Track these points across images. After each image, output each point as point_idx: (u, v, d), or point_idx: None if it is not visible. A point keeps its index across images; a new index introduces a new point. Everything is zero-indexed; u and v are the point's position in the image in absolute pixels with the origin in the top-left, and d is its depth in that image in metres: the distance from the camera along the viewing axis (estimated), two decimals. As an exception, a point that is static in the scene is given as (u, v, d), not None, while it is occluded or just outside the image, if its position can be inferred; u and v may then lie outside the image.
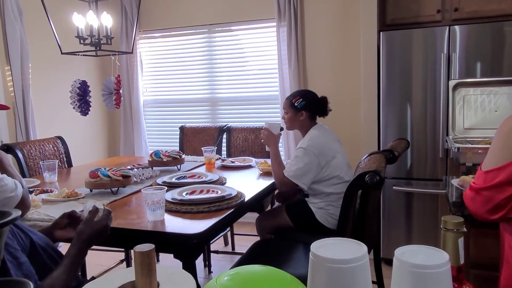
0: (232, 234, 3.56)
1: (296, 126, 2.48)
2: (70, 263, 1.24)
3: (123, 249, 3.14)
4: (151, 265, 0.45)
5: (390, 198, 3.14)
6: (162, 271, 0.48)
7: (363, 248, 0.50)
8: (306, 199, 2.41)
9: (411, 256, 0.54)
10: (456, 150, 1.93)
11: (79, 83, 2.78)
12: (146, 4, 4.28)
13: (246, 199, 1.97)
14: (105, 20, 2.63)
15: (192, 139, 3.62)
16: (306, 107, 2.42)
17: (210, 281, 0.67)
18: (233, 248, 3.57)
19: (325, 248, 0.51)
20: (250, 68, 4.14)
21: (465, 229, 0.68)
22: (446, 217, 0.69)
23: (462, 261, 0.68)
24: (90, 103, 2.92)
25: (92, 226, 1.32)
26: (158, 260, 3.40)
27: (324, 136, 2.38)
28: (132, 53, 3.22)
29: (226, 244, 3.67)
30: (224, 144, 3.55)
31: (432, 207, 3.02)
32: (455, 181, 1.72)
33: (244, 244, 3.53)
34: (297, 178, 2.26)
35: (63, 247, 3.28)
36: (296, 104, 2.41)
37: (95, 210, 1.36)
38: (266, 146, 2.49)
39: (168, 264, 2.65)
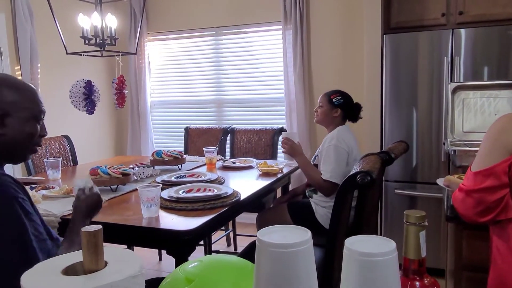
0: (235, 235, 3.57)
1: (327, 122, 2.49)
2: (74, 237, 1.31)
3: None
4: (97, 244, 0.47)
5: (392, 201, 3.13)
6: (111, 252, 0.50)
7: (308, 233, 0.52)
8: (314, 195, 2.42)
9: (359, 245, 0.55)
10: (452, 153, 1.92)
11: (84, 83, 2.83)
12: (156, 6, 4.34)
13: (242, 198, 1.99)
14: (110, 21, 2.68)
15: (196, 140, 3.65)
16: (342, 106, 2.46)
17: (174, 270, 0.70)
18: (235, 248, 3.59)
19: (271, 235, 0.53)
20: (256, 71, 4.17)
21: (426, 223, 0.69)
22: (409, 211, 0.70)
23: (423, 255, 0.69)
24: (96, 103, 2.97)
25: (85, 200, 1.40)
26: (160, 259, 3.43)
27: (351, 137, 2.42)
28: (135, 53, 3.27)
29: (228, 244, 3.69)
30: (228, 146, 3.57)
31: (435, 211, 2.99)
32: (440, 181, 1.71)
33: (246, 245, 3.54)
34: (336, 177, 2.27)
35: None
36: (334, 100, 2.45)
37: (82, 188, 1.42)
38: (286, 156, 2.50)
39: (169, 263, 2.66)
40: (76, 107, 2.86)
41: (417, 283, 0.70)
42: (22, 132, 1.22)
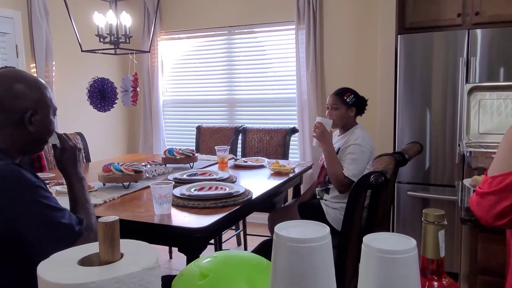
0: (245, 234, 3.57)
1: (343, 123, 2.47)
2: (82, 192, 1.38)
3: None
4: (113, 235, 0.47)
5: (405, 203, 3.10)
6: (127, 244, 0.50)
7: (326, 229, 0.51)
8: (326, 195, 2.40)
9: (378, 242, 0.54)
10: (468, 154, 1.89)
11: (93, 80, 2.85)
12: (169, 5, 4.36)
13: (254, 197, 1.98)
14: (124, 20, 2.70)
15: (208, 139, 3.66)
16: (356, 103, 2.44)
17: (189, 264, 0.69)
18: (245, 248, 3.58)
19: (289, 229, 0.52)
20: (268, 70, 4.16)
21: (445, 222, 0.67)
22: (427, 209, 0.68)
23: (442, 254, 0.67)
24: (115, 100, 2.98)
25: (67, 156, 1.41)
26: (171, 257, 3.44)
27: (370, 137, 2.42)
28: (149, 52, 3.28)
29: (239, 244, 3.68)
30: (239, 145, 3.57)
31: (448, 214, 2.94)
32: (467, 181, 1.69)
33: (256, 244, 3.54)
34: (357, 176, 2.24)
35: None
36: (348, 100, 2.42)
37: (54, 147, 1.42)
38: (315, 142, 2.41)
39: (179, 261, 2.67)
40: (91, 104, 2.88)
41: (436, 283, 0.68)
42: (46, 128, 1.27)
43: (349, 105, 2.42)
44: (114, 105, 3.13)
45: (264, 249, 2.15)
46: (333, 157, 2.33)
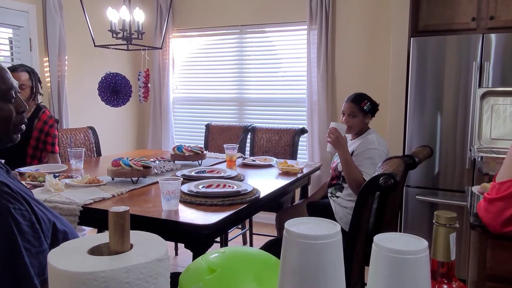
0: (251, 234, 3.56)
1: (358, 129, 2.47)
2: None
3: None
4: (124, 226, 0.47)
5: (413, 207, 3.07)
6: (137, 235, 0.50)
7: (337, 227, 0.50)
8: (338, 193, 2.39)
9: (389, 242, 0.54)
10: (479, 159, 1.87)
11: (105, 75, 2.87)
12: (182, 3, 4.37)
13: (261, 196, 1.98)
14: (137, 16, 2.71)
15: (217, 137, 3.66)
16: (371, 110, 2.46)
17: (197, 259, 0.69)
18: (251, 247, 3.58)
19: (299, 226, 0.52)
20: (279, 70, 4.16)
21: (457, 225, 0.66)
22: (439, 211, 0.67)
23: (453, 257, 0.67)
24: (130, 96, 2.99)
25: None
26: (176, 254, 3.45)
27: (384, 140, 2.43)
28: (161, 48, 3.29)
29: (244, 243, 3.68)
30: (248, 144, 3.57)
31: (457, 219, 2.92)
32: (475, 188, 1.67)
33: (262, 244, 3.53)
34: None
35: (87, 235, 3.39)
36: (365, 107, 2.43)
37: None
38: (329, 147, 2.38)
39: (185, 258, 2.67)
40: (102, 99, 2.90)
41: (445, 286, 0.68)
42: None
43: (366, 112, 2.43)
44: (127, 101, 3.13)
45: (271, 248, 2.14)
46: (350, 162, 2.28)
